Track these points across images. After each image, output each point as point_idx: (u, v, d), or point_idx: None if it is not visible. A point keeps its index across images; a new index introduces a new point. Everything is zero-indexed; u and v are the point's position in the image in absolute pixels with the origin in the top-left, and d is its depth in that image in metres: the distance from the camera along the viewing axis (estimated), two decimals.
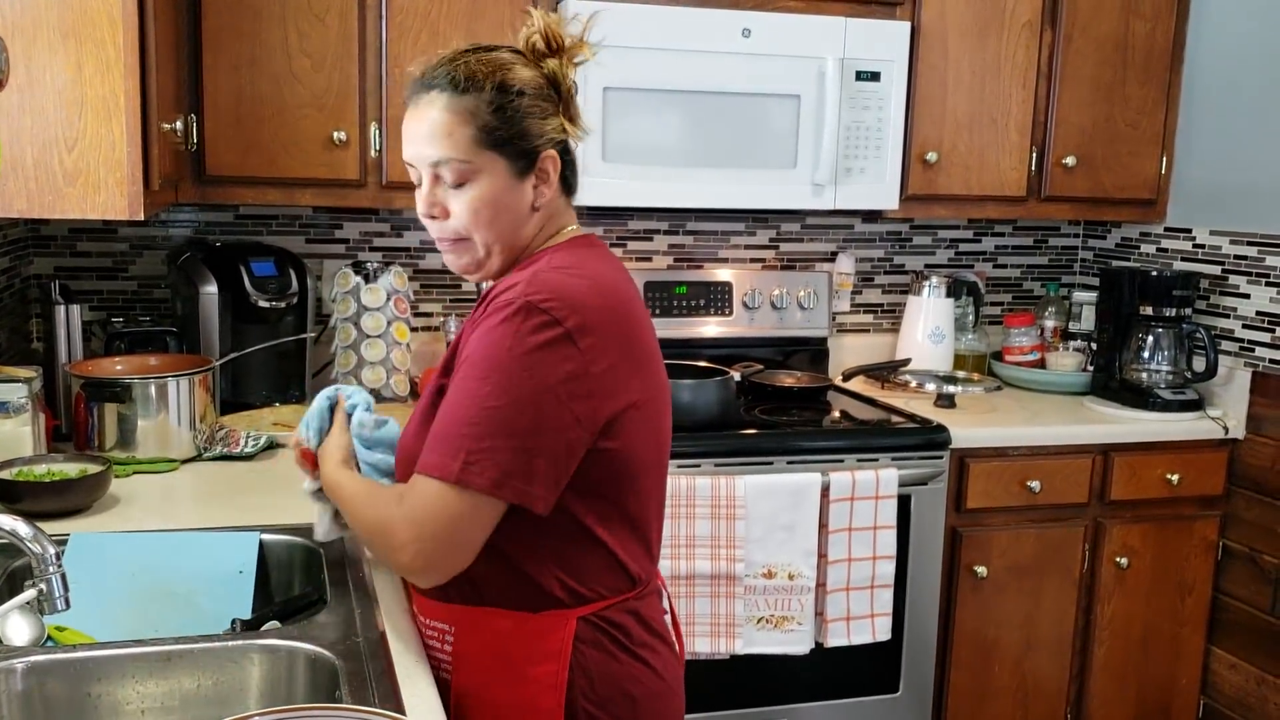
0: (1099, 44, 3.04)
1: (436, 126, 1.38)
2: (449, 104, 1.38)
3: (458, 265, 1.46)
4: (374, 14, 2.56)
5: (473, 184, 1.39)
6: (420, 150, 1.40)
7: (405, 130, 1.42)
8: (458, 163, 1.38)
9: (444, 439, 1.31)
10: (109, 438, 2.20)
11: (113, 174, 1.80)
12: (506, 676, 1.39)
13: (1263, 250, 2.93)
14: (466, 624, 1.41)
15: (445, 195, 1.40)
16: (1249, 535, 2.94)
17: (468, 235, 1.41)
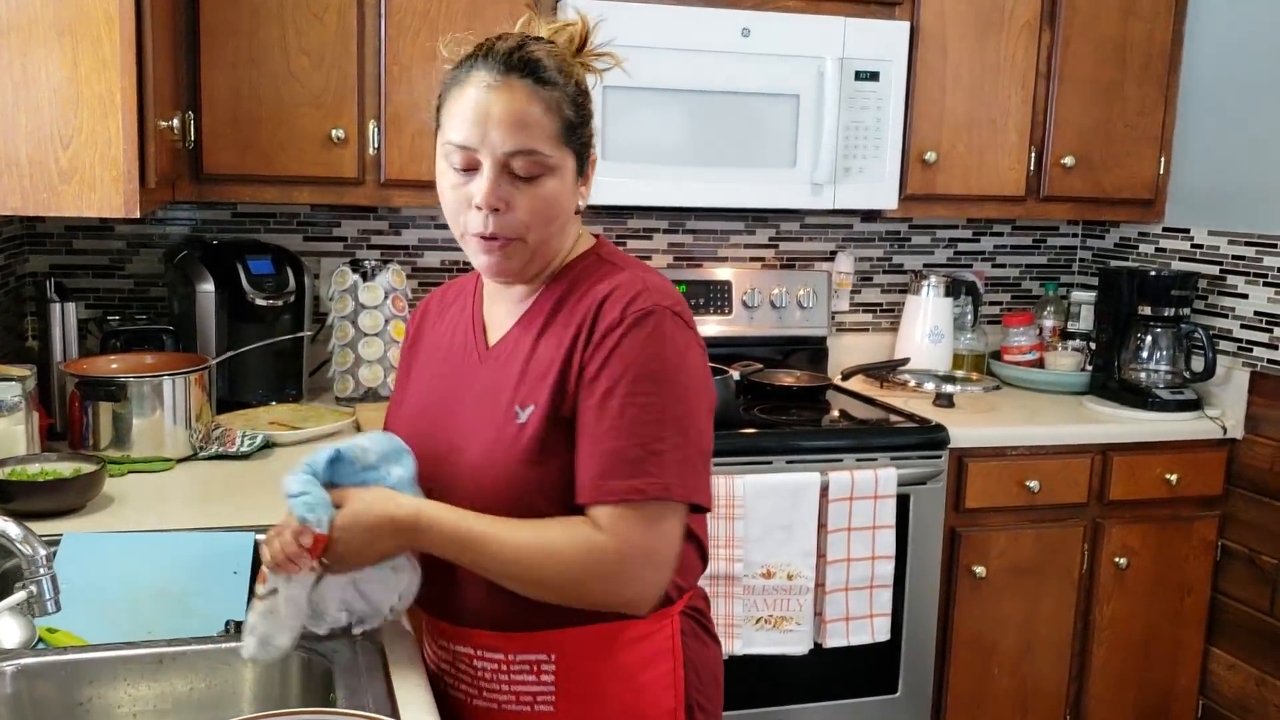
0: (1097, 45, 3.04)
1: (522, 115, 1.28)
2: (535, 93, 1.28)
3: (504, 268, 1.34)
4: (373, 12, 2.55)
5: (545, 180, 1.31)
6: (495, 137, 1.27)
7: (470, 112, 1.28)
8: (540, 156, 1.29)
9: (636, 458, 1.26)
10: (104, 437, 2.19)
11: (109, 171, 1.79)
12: (619, 688, 1.36)
13: (1261, 250, 2.92)
14: (570, 646, 1.35)
15: (509, 189, 1.30)
16: (1248, 535, 2.94)
17: (522, 235, 1.31)
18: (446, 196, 1.34)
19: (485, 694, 1.39)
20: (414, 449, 1.37)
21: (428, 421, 1.43)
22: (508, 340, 1.40)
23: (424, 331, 1.54)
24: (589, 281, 1.37)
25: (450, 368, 1.45)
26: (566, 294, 1.37)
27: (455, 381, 1.43)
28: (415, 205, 2.74)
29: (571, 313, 1.35)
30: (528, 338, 1.37)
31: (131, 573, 1.65)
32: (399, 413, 1.51)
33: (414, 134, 2.59)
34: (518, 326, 1.40)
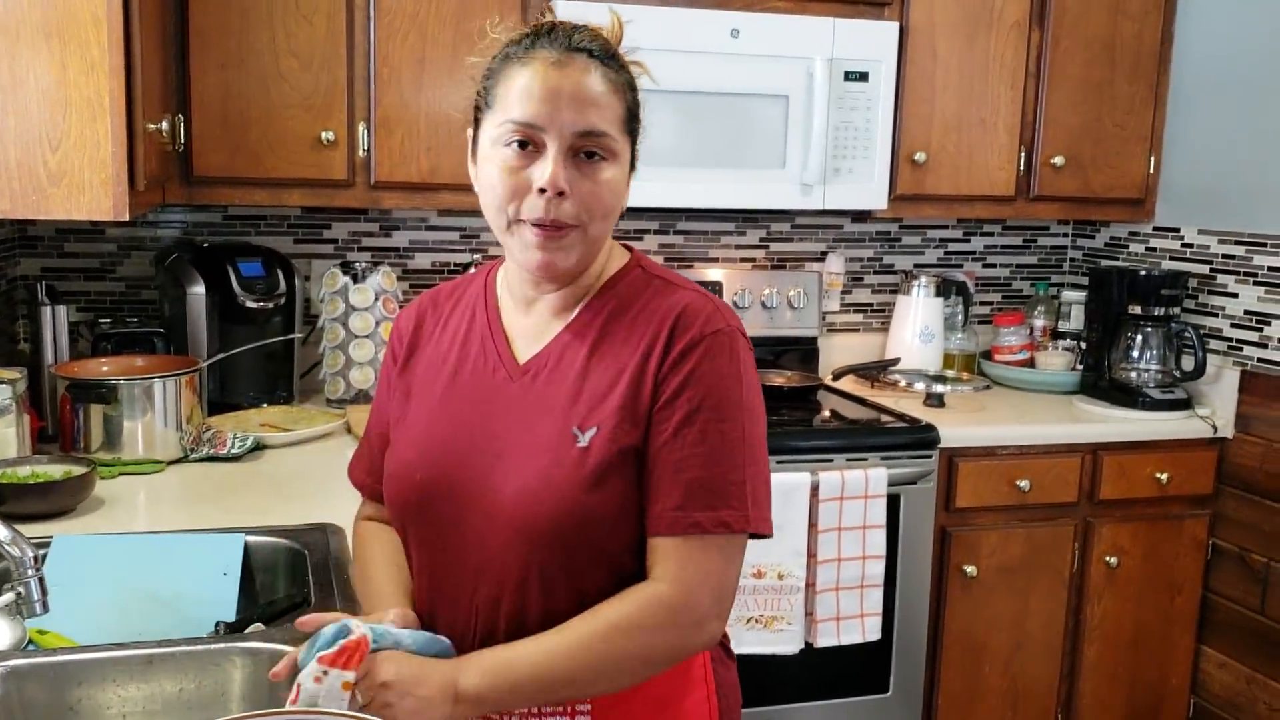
0: (1087, 44, 3.05)
1: (597, 94, 1.22)
2: (604, 73, 1.23)
3: (557, 263, 1.25)
4: (362, 14, 2.55)
5: (609, 166, 1.24)
6: (567, 115, 1.20)
7: (538, 87, 1.20)
8: (608, 139, 1.22)
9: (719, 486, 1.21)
10: (95, 439, 2.19)
11: (97, 174, 1.79)
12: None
13: (1250, 249, 2.93)
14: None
15: (573, 173, 1.22)
16: (1238, 534, 2.95)
17: (583, 223, 1.23)
18: (498, 182, 1.23)
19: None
20: (433, 476, 1.29)
21: (449, 446, 1.30)
22: (547, 356, 1.30)
23: (421, 343, 1.41)
24: (645, 297, 1.30)
25: (471, 387, 1.32)
26: (620, 309, 1.29)
27: (480, 402, 1.31)
28: (405, 207, 2.75)
29: (631, 329, 1.27)
30: (577, 354, 1.28)
31: (121, 575, 1.65)
32: (405, 435, 1.36)
33: (404, 136, 2.59)
34: (561, 342, 1.30)
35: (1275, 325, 2.86)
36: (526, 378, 1.30)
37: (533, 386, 1.28)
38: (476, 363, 1.34)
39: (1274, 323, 2.86)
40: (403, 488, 1.32)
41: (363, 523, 1.49)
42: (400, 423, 1.38)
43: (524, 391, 1.29)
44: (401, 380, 1.40)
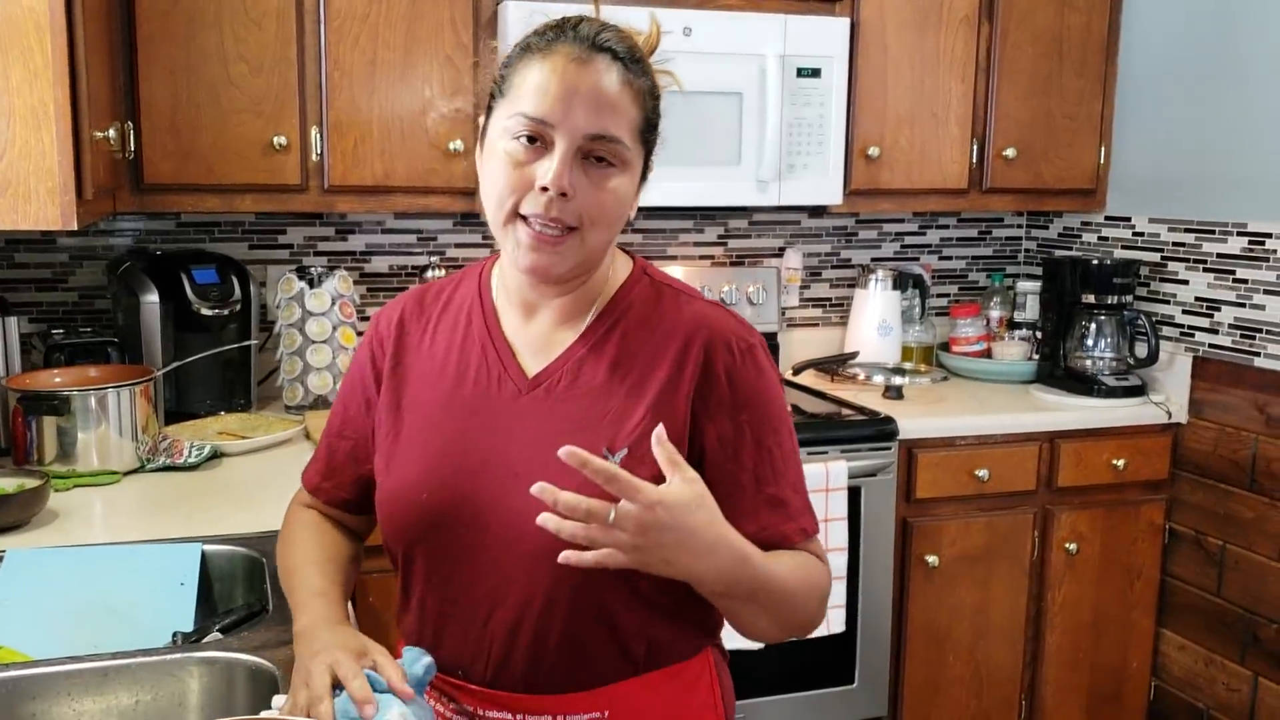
0: (1035, 37, 3.08)
1: (614, 98, 1.17)
2: (625, 77, 1.18)
3: (554, 266, 1.20)
4: (312, 18, 2.54)
5: (617, 174, 1.20)
6: (580, 115, 1.16)
7: (555, 84, 1.16)
8: (620, 146, 1.18)
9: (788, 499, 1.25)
10: (48, 451, 2.17)
11: (43, 184, 1.78)
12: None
13: (1200, 236, 2.97)
14: (625, 698, 1.25)
15: (578, 175, 1.18)
16: (1194, 518, 2.99)
17: (583, 228, 1.19)
18: (501, 173, 1.19)
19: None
20: (439, 499, 1.24)
21: (459, 464, 1.25)
22: (560, 370, 1.26)
23: (407, 349, 1.34)
24: (661, 309, 1.27)
25: (477, 400, 1.27)
26: (636, 322, 1.27)
27: (488, 417, 1.26)
28: (360, 211, 2.73)
29: (652, 344, 1.25)
30: (596, 369, 1.25)
31: (76, 587, 1.64)
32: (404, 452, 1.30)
33: (357, 139, 2.58)
34: (574, 355, 1.26)
35: (1225, 311, 2.90)
36: (539, 391, 1.26)
37: (547, 401, 1.25)
38: (479, 374, 1.29)
39: (1224, 308, 2.91)
40: (407, 510, 1.26)
41: (302, 509, 1.45)
42: (393, 437, 1.31)
43: (537, 406, 1.25)
44: (391, 390, 1.33)
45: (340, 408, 1.41)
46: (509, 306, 1.31)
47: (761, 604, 1.19)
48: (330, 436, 1.42)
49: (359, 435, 1.37)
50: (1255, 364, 2.82)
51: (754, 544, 1.17)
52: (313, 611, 1.24)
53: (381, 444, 1.32)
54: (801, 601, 1.23)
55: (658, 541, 1.06)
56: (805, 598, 1.23)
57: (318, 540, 1.39)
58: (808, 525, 1.26)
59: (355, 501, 1.41)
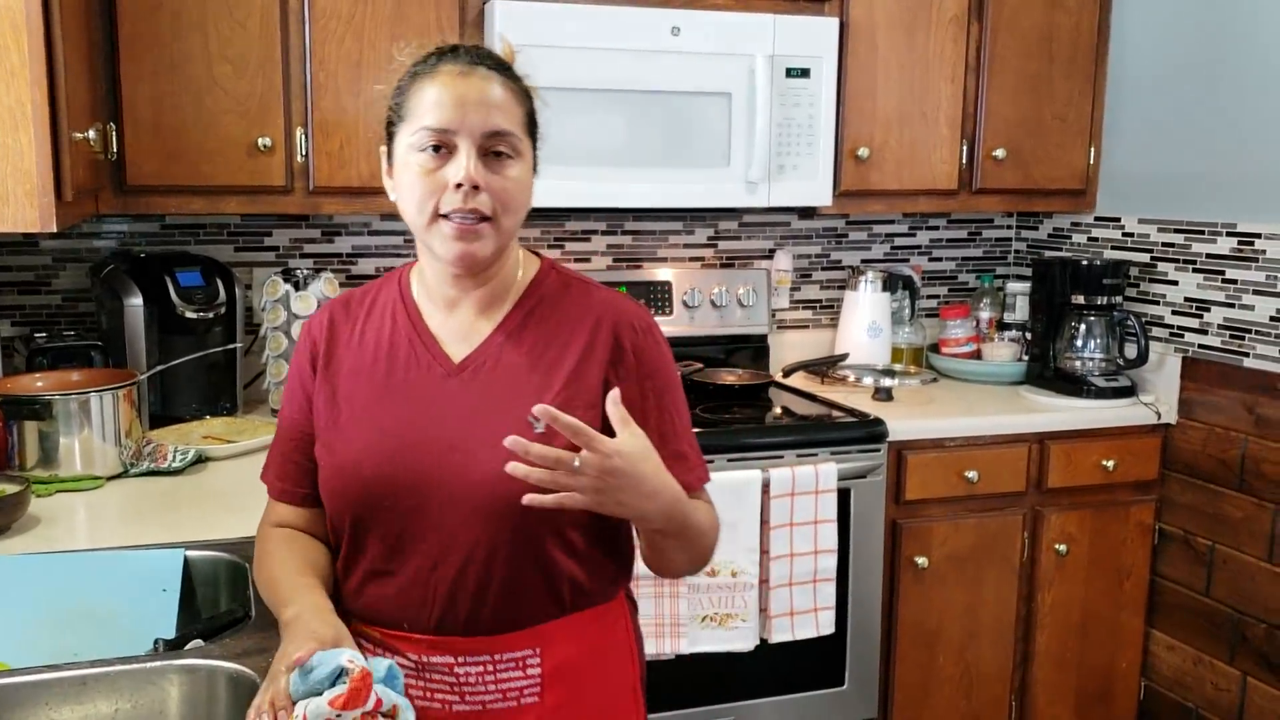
0: (1024, 37, 3.07)
1: (500, 99, 1.36)
2: (504, 81, 1.38)
3: (476, 254, 1.36)
4: (296, 18, 2.52)
5: (516, 163, 1.37)
6: (475, 117, 1.33)
7: (448, 95, 1.33)
8: (514, 138, 1.36)
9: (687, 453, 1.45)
10: (30, 456, 2.15)
11: (21, 185, 1.76)
12: (594, 667, 1.46)
13: (1189, 237, 2.97)
14: (554, 637, 1.42)
15: (483, 170, 1.34)
16: (1183, 518, 2.98)
17: (496, 215, 1.35)
18: (415, 185, 1.36)
19: (467, 698, 1.41)
20: (383, 472, 1.38)
21: (397, 442, 1.39)
22: (484, 355, 1.42)
23: (338, 348, 1.48)
24: (570, 299, 1.46)
25: (408, 385, 1.42)
26: (548, 311, 1.45)
27: (420, 399, 1.41)
28: (346, 212, 2.72)
29: (565, 328, 1.43)
30: (516, 352, 1.42)
31: (56, 594, 1.62)
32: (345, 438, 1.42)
33: (343, 141, 2.56)
34: (495, 342, 1.42)
35: (1215, 311, 2.90)
36: (466, 374, 1.41)
37: (474, 382, 1.41)
38: (408, 362, 1.43)
39: (1213, 309, 2.90)
40: (350, 485, 1.40)
41: (272, 529, 1.52)
42: (332, 426, 1.44)
43: (465, 387, 1.41)
44: (325, 384, 1.46)
45: (286, 412, 1.52)
46: (430, 304, 1.47)
47: (685, 540, 1.42)
48: (281, 441, 1.53)
49: (304, 433, 1.49)
50: (1244, 364, 2.81)
51: None
52: (299, 602, 1.32)
53: (322, 433, 1.45)
54: (710, 540, 1.47)
55: (615, 485, 1.26)
56: (711, 537, 1.47)
57: (293, 549, 1.46)
58: (704, 475, 1.48)
59: (313, 495, 1.50)
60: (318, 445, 1.46)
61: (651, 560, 1.47)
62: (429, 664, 1.40)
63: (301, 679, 1.15)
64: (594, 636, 1.46)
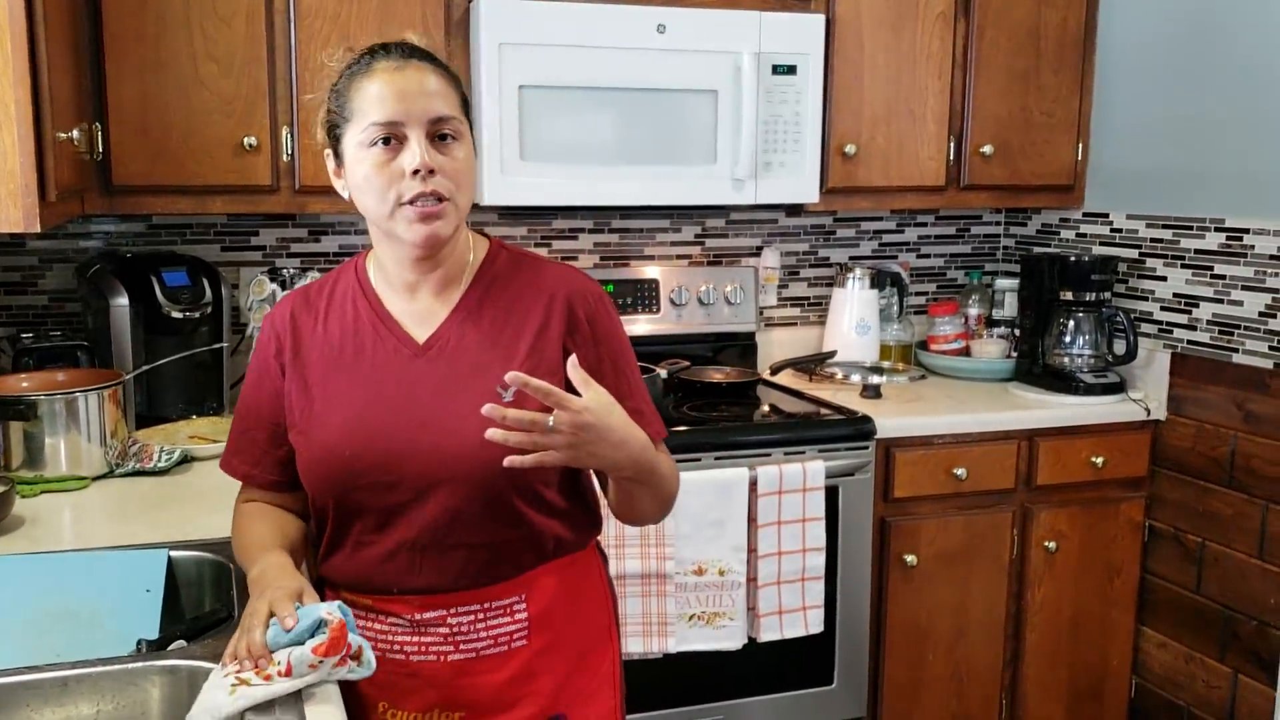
0: (1012, 33, 3.07)
1: (438, 88, 1.43)
2: (437, 71, 1.45)
3: (441, 231, 1.43)
4: (282, 17, 2.51)
5: (461, 145, 1.45)
6: (421, 106, 1.40)
7: (389, 90, 1.40)
8: (457, 121, 1.44)
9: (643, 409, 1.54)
10: (15, 456, 2.14)
11: (4, 186, 1.75)
12: (574, 610, 1.57)
13: (1177, 233, 2.97)
14: (537, 583, 1.52)
15: (435, 154, 1.41)
16: (1173, 515, 2.99)
17: (452, 194, 1.42)
18: (372, 179, 1.41)
19: (461, 647, 1.49)
20: (362, 453, 1.45)
21: (371, 422, 1.46)
22: (447, 335, 1.49)
23: (303, 339, 1.54)
24: (523, 276, 1.54)
25: (376, 369, 1.49)
26: (503, 288, 1.52)
27: (389, 381, 1.48)
28: (333, 212, 2.71)
29: (521, 303, 1.51)
30: (476, 329, 1.49)
31: (40, 595, 1.61)
32: (321, 422, 1.49)
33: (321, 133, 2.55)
34: (455, 321, 1.50)
35: (1203, 307, 2.90)
36: (431, 354, 1.49)
37: (439, 361, 1.48)
38: (374, 347, 1.50)
39: (1202, 305, 2.91)
40: (332, 467, 1.47)
41: (243, 504, 1.62)
42: (308, 414, 1.51)
43: (431, 366, 1.48)
44: (296, 375, 1.53)
45: (251, 404, 1.59)
46: (389, 289, 1.53)
47: (653, 486, 1.51)
48: (243, 431, 1.60)
49: (272, 423, 1.56)
50: (1234, 360, 2.82)
51: None
52: (262, 562, 1.43)
53: (297, 421, 1.52)
54: (673, 487, 1.57)
55: (587, 439, 1.34)
56: (673, 484, 1.57)
57: (264, 519, 1.57)
58: (661, 429, 1.56)
59: (283, 481, 1.58)
60: (294, 434, 1.52)
61: (621, 510, 1.57)
62: (422, 620, 1.49)
63: (279, 631, 1.25)
64: (573, 580, 1.57)
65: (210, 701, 1.21)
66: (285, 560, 1.44)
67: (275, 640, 1.25)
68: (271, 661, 1.23)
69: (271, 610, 1.28)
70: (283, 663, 1.23)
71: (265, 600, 1.31)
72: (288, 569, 1.42)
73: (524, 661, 1.51)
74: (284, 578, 1.37)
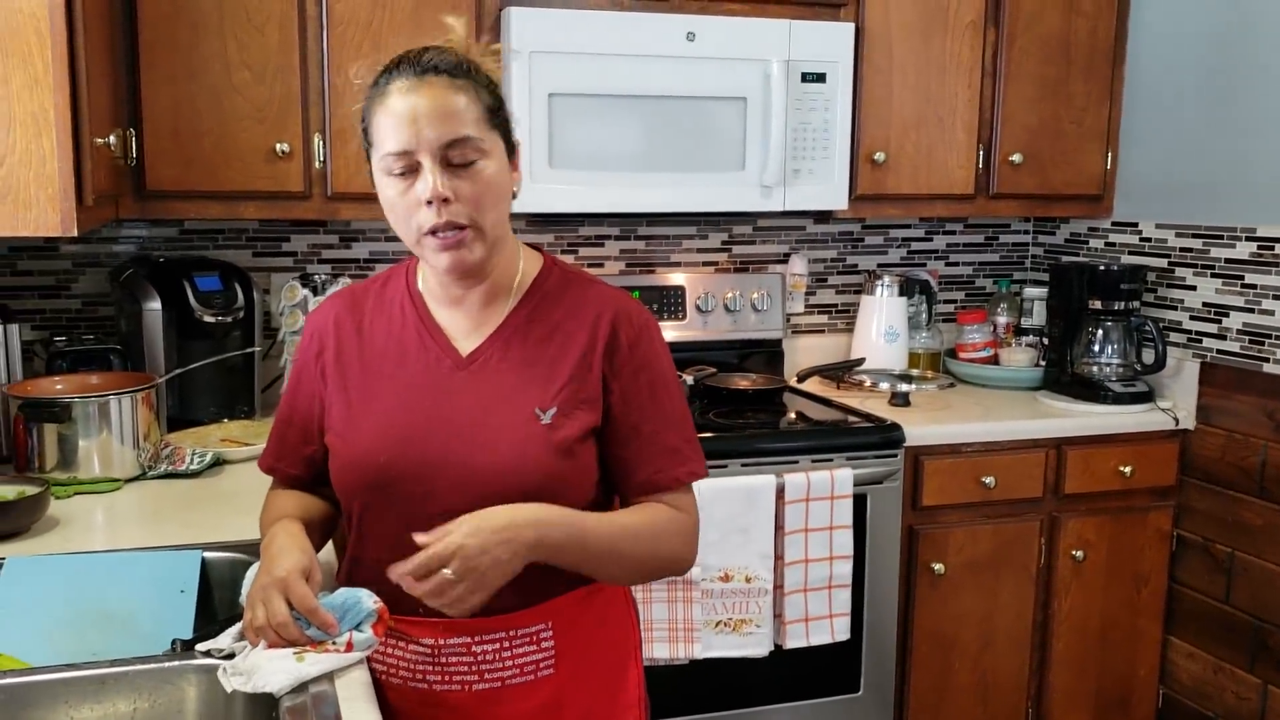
0: (1042, 42, 3.07)
1: (451, 106, 1.36)
2: (453, 85, 1.37)
3: (466, 262, 1.40)
4: (315, 24, 2.53)
5: (483, 163, 1.38)
6: (429, 133, 1.34)
7: (401, 117, 1.35)
8: (473, 141, 1.36)
9: (681, 447, 1.49)
10: (49, 459, 2.16)
11: (44, 190, 1.77)
12: (600, 636, 1.53)
13: (1207, 242, 2.96)
14: (563, 610, 1.48)
15: (452, 180, 1.36)
16: (1202, 525, 2.97)
17: (475, 221, 1.38)
18: (394, 207, 1.40)
19: (486, 676, 1.45)
20: (395, 460, 1.43)
21: (408, 430, 1.44)
22: (491, 349, 1.47)
23: (344, 341, 1.53)
24: (571, 295, 1.49)
25: (418, 377, 1.47)
26: (551, 307, 1.48)
27: (430, 390, 1.46)
28: (364, 218, 2.73)
29: (567, 324, 1.47)
30: (522, 347, 1.46)
31: (75, 595, 1.63)
32: (358, 425, 1.48)
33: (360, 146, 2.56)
34: (502, 336, 1.47)
35: (1233, 317, 2.88)
36: (474, 367, 1.46)
37: (481, 375, 1.46)
38: (418, 356, 1.48)
39: (1232, 314, 2.89)
40: (365, 471, 1.45)
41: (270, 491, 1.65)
42: (345, 417, 1.50)
43: (473, 379, 1.46)
44: (337, 378, 1.52)
45: (288, 400, 1.60)
46: (436, 300, 1.51)
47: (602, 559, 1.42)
48: (280, 425, 1.62)
49: (305, 422, 1.56)
50: (1264, 370, 2.80)
51: (648, 486, 1.46)
52: (272, 535, 1.44)
53: (335, 424, 1.51)
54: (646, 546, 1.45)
55: (487, 563, 1.29)
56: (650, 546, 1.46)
57: (287, 496, 1.60)
58: (697, 469, 1.50)
59: (305, 478, 1.60)
60: (330, 436, 1.52)
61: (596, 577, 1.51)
62: (445, 646, 1.45)
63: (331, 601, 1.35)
64: (599, 607, 1.53)
65: (279, 669, 1.26)
66: (296, 529, 1.44)
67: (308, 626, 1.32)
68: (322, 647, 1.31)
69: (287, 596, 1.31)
70: (342, 642, 1.31)
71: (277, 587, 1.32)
72: (297, 539, 1.41)
73: (552, 691, 1.47)
74: (290, 552, 1.37)
